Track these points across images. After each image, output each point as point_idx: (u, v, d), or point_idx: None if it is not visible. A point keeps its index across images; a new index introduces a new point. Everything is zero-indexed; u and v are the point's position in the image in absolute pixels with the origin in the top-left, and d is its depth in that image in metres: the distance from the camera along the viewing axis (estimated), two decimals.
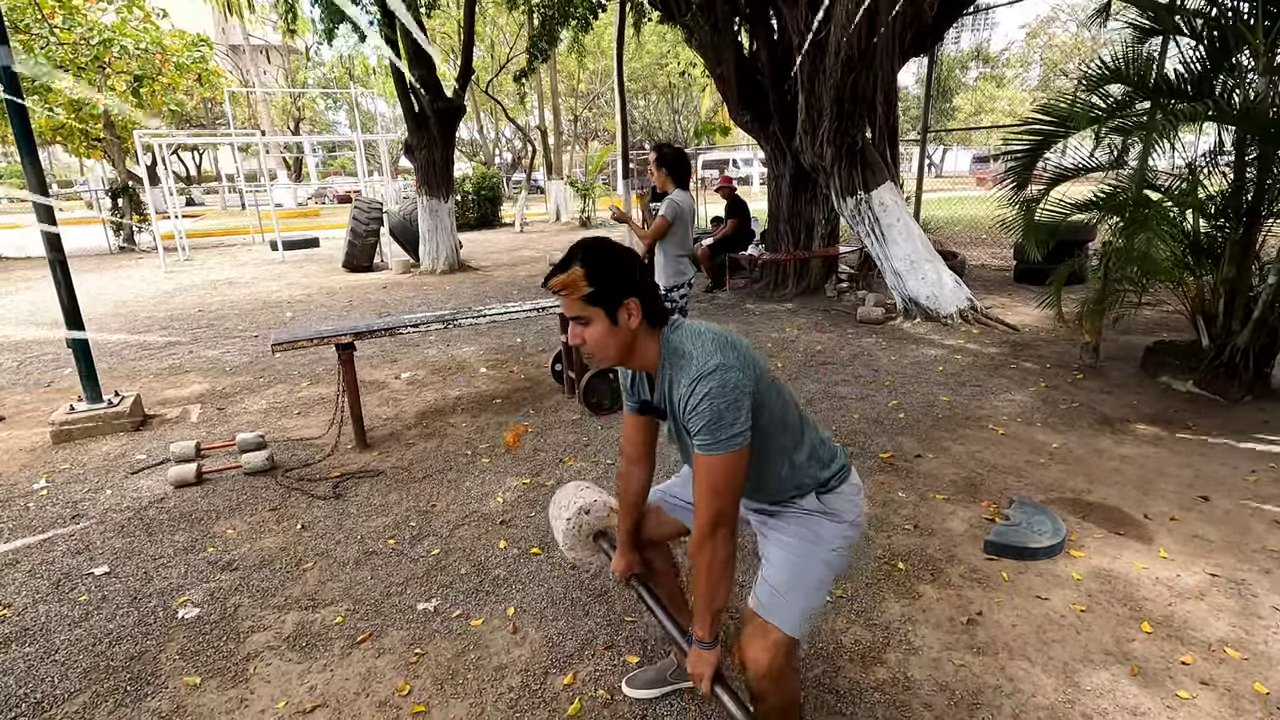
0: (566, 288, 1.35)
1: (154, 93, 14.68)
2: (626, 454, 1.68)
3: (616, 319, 1.37)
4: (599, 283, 1.34)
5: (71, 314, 4.02)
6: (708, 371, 1.30)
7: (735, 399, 1.29)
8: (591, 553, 1.90)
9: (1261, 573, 2.40)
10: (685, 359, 1.35)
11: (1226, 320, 4.11)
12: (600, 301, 1.35)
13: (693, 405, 1.31)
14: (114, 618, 2.38)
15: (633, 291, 1.37)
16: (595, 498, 1.86)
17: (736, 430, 1.30)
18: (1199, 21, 4.05)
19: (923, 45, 7.32)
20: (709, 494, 1.33)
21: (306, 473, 3.52)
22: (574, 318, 1.39)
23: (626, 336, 1.39)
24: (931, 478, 3.22)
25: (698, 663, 1.41)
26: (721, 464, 1.30)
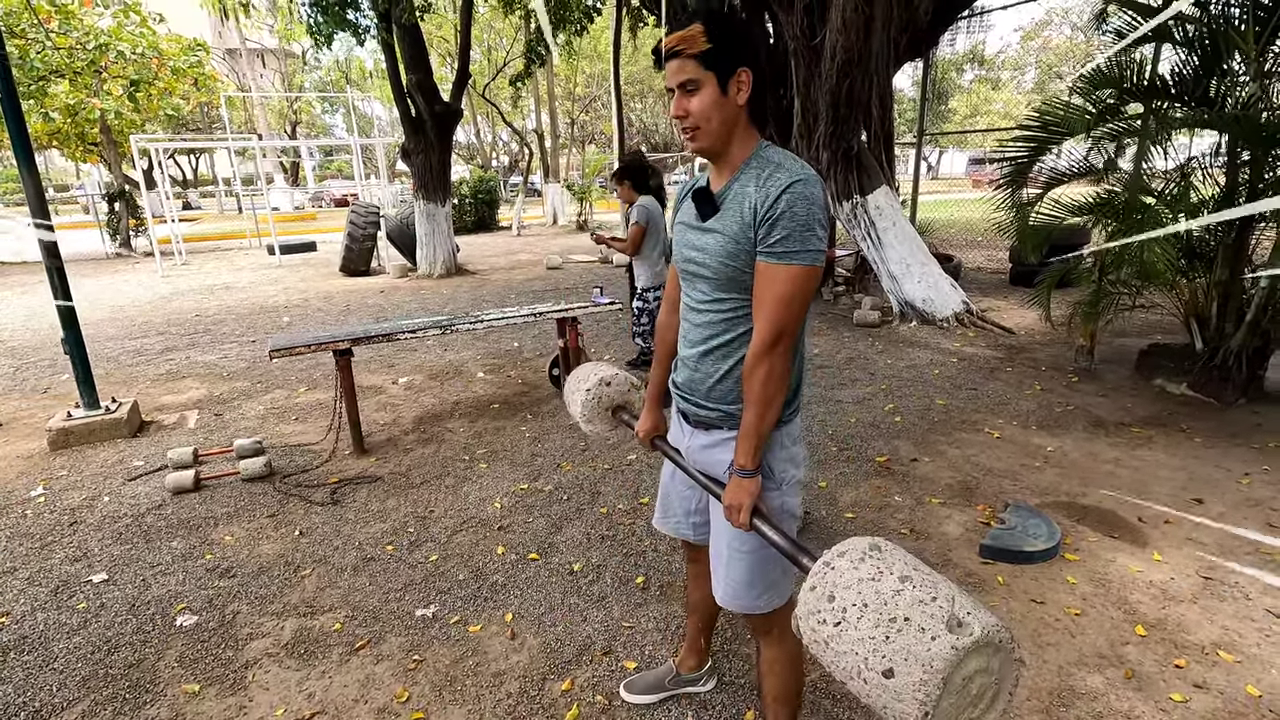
0: (683, 42, 1.26)
1: (150, 97, 14.68)
2: (669, 299, 1.64)
3: (726, 89, 1.28)
4: (718, 40, 1.25)
5: (68, 320, 4.02)
6: (807, 176, 1.24)
7: (822, 217, 1.25)
8: (610, 426, 1.83)
9: (1254, 576, 2.42)
10: (777, 168, 1.28)
11: (1220, 323, 4.14)
12: (714, 64, 1.26)
13: (786, 205, 1.23)
14: (112, 625, 2.39)
15: (750, 62, 1.28)
16: (616, 371, 1.81)
17: (821, 245, 1.25)
18: (1190, 27, 4.08)
19: (918, 49, 7.35)
20: (779, 305, 1.26)
21: (304, 479, 3.52)
22: (681, 85, 1.29)
23: (732, 112, 1.30)
24: (927, 481, 3.23)
25: (737, 492, 1.33)
26: (800, 275, 1.25)
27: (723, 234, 1.33)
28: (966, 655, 0.91)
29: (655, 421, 1.71)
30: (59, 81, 13.22)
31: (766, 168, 1.30)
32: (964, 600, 0.96)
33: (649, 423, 1.70)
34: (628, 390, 1.82)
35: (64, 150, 16.40)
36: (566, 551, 2.76)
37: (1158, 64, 4.51)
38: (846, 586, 1.02)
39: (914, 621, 0.94)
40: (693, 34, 1.26)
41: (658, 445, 1.67)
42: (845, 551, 1.07)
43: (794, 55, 6.35)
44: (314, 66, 33.45)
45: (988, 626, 0.93)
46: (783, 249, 1.25)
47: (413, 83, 9.52)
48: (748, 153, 1.34)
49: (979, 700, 0.95)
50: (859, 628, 0.98)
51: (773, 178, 1.27)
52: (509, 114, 24.99)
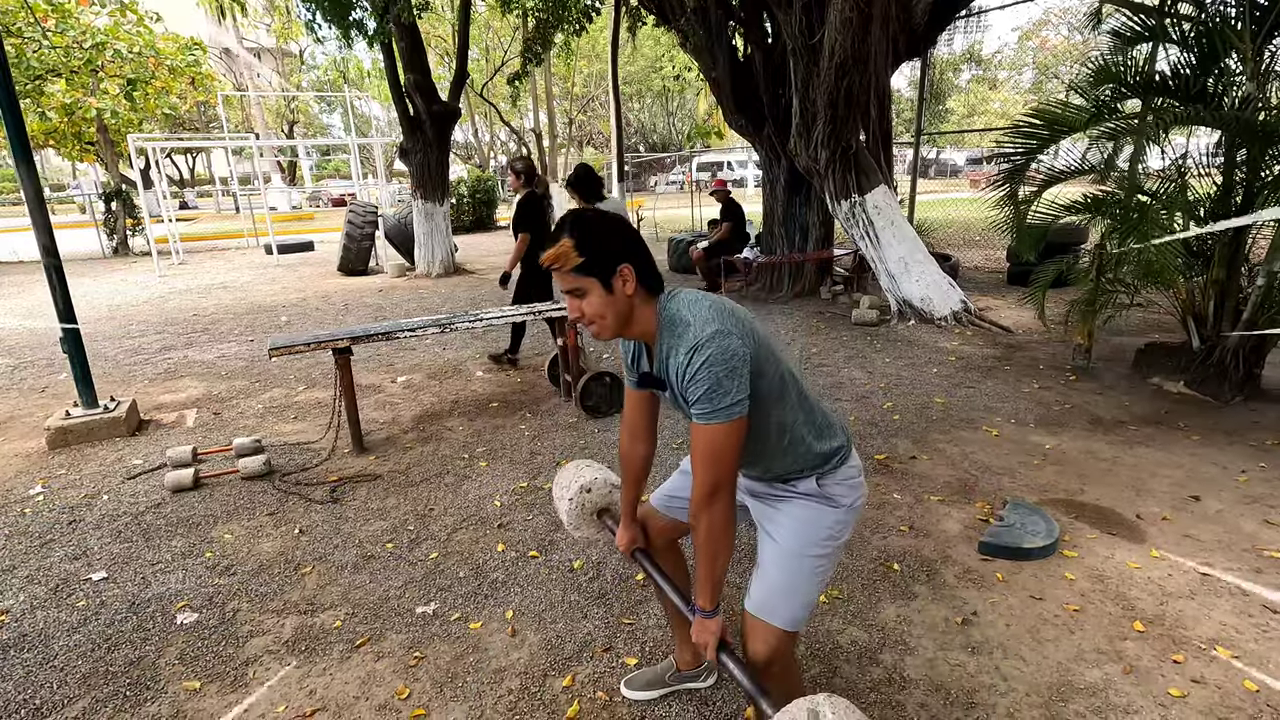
0: (557, 260, 1.33)
1: (147, 96, 14.66)
2: (628, 429, 1.67)
3: (611, 287, 1.34)
4: (589, 251, 1.32)
5: (67, 318, 4.01)
6: (705, 338, 1.28)
7: (734, 367, 1.27)
8: (596, 530, 1.89)
9: (1252, 572, 2.43)
10: (683, 326, 1.33)
11: (1217, 322, 4.15)
12: (593, 271, 1.33)
13: (691, 373, 1.29)
14: (112, 623, 2.39)
15: (625, 257, 1.34)
16: (596, 475, 1.85)
17: (735, 399, 1.28)
18: (1187, 25, 4.09)
19: (916, 49, 7.37)
20: (707, 462, 1.31)
21: (304, 477, 3.52)
22: (569, 291, 1.36)
23: (624, 305, 1.37)
24: (926, 479, 3.24)
25: (701, 631, 1.42)
26: (720, 433, 1.29)
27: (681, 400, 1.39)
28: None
29: (633, 535, 1.76)
30: (55, 80, 13.20)
31: (672, 333, 1.36)
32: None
33: (626, 537, 1.75)
34: (609, 493, 1.88)
35: (60, 150, 16.36)
36: (566, 549, 2.76)
37: (1155, 62, 4.53)
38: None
39: None
40: (564, 251, 1.32)
41: (637, 559, 1.74)
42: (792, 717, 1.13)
43: (792, 54, 6.36)
44: (311, 66, 33.41)
45: None
46: (699, 411, 1.30)
47: (411, 82, 9.51)
48: (653, 320, 1.40)
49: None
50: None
51: (680, 346, 1.33)
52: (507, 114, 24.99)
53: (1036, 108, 4.57)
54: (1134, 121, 4.15)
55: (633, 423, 1.66)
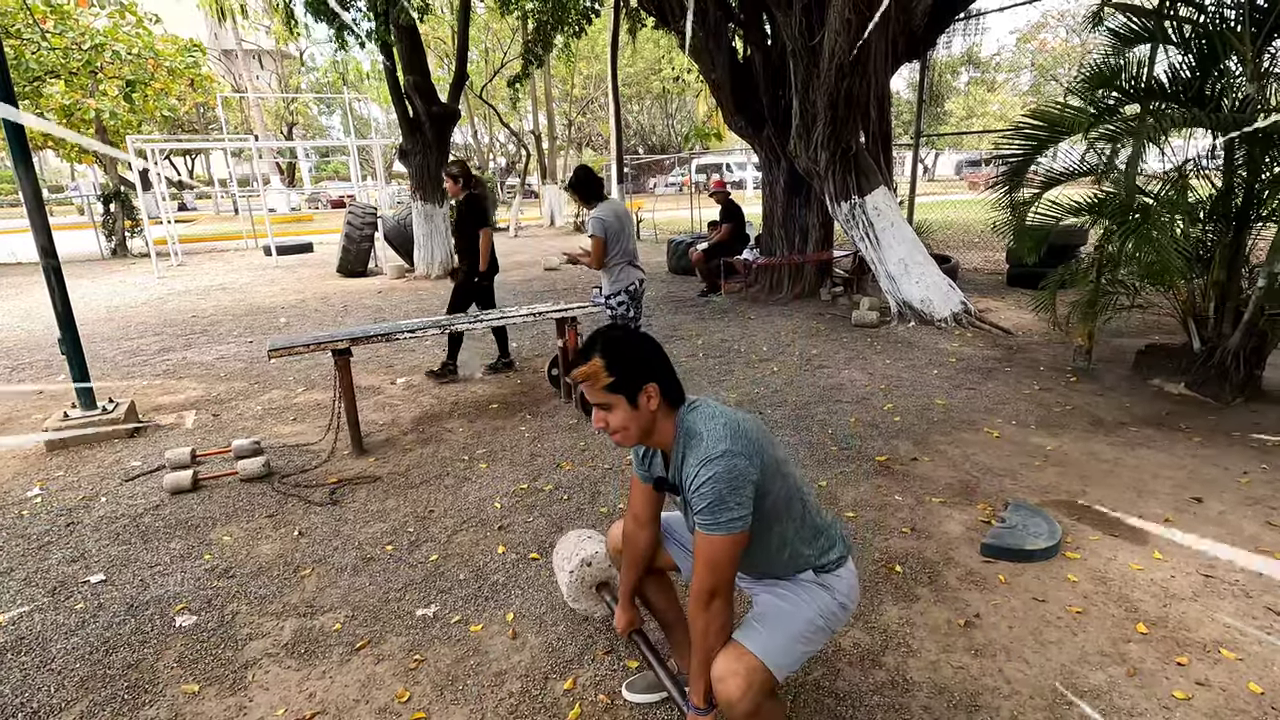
0: (588, 379, 1.44)
1: (146, 98, 14.65)
2: (633, 516, 1.72)
3: (636, 403, 1.44)
4: (618, 372, 1.43)
5: (65, 320, 4.00)
6: (715, 455, 1.36)
7: (737, 485, 1.35)
8: (594, 603, 1.94)
9: (1254, 574, 2.42)
10: (697, 439, 1.42)
11: (1217, 323, 4.15)
12: (620, 389, 1.43)
13: (697, 485, 1.37)
14: (110, 626, 2.37)
15: (651, 377, 1.45)
16: (597, 549, 1.90)
17: (736, 515, 1.36)
18: (1187, 28, 4.09)
19: (915, 51, 7.37)
20: (707, 569, 1.39)
21: (303, 479, 3.51)
22: (597, 404, 1.47)
23: (647, 419, 1.47)
24: (928, 481, 3.24)
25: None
26: (720, 544, 1.37)
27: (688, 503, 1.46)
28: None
29: (631, 617, 1.81)
30: (54, 82, 13.19)
31: (687, 444, 1.45)
32: None
33: (625, 619, 1.81)
34: (608, 567, 1.90)
35: (59, 151, 16.35)
36: None
37: (1154, 64, 4.53)
38: None
39: None
40: (594, 371, 1.43)
41: (634, 640, 1.78)
42: None
43: (792, 56, 6.36)
44: (311, 68, 33.42)
45: None
46: (701, 521, 1.38)
47: (410, 84, 9.52)
48: (671, 431, 1.49)
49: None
50: None
51: (689, 458, 1.42)
52: (506, 115, 24.99)
53: (1035, 109, 4.57)
54: (1133, 124, 4.15)
55: (637, 511, 1.72)
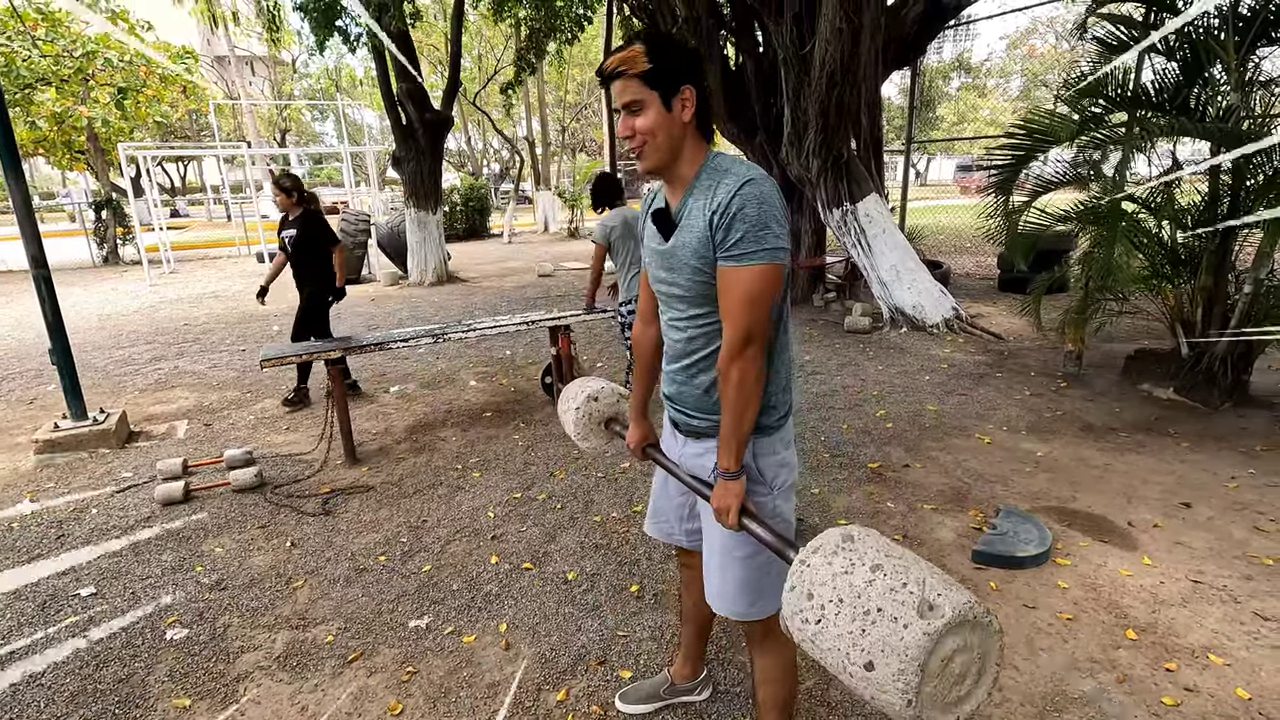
0: (624, 63, 1.28)
1: (138, 104, 14.60)
2: (642, 313, 1.66)
3: (670, 106, 1.30)
4: (658, 60, 1.28)
5: (56, 329, 3.99)
6: (756, 175, 1.26)
7: (779, 212, 1.27)
8: (605, 439, 1.85)
9: (1243, 579, 2.44)
10: (732, 166, 1.31)
11: (1205, 329, 4.19)
12: (657, 83, 1.28)
13: (737, 208, 1.24)
14: (100, 639, 2.36)
15: (691, 79, 1.31)
16: (603, 385, 1.83)
17: (781, 242, 1.26)
18: (1172, 37, 4.14)
19: (905, 58, 7.44)
20: (743, 307, 1.27)
21: (296, 489, 3.50)
22: (626, 105, 1.31)
23: (678, 129, 1.32)
24: (919, 487, 3.25)
25: (724, 495, 1.35)
26: (759, 275, 1.25)
27: (686, 251, 1.34)
28: (940, 638, 0.92)
29: (644, 431, 1.72)
30: (45, 89, 13.14)
31: (715, 176, 1.32)
32: (935, 582, 0.97)
33: (638, 434, 1.72)
34: (616, 401, 1.84)
35: (50, 158, 16.28)
36: (561, 560, 2.75)
37: (1140, 72, 4.59)
38: (822, 583, 1.03)
39: (886, 612, 0.96)
40: (633, 54, 1.28)
41: (649, 454, 1.68)
42: (819, 547, 1.08)
43: (783, 64, 6.40)
44: (304, 74, 33.38)
45: (958, 606, 0.94)
46: (739, 250, 1.26)
47: (403, 91, 9.53)
48: (697, 166, 1.36)
49: (964, 678, 0.97)
50: (837, 624, 1.00)
51: (722, 184, 1.28)
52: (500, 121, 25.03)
53: (1025, 117, 4.61)
54: (1120, 131, 4.20)
55: (646, 306, 1.64)
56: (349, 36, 9.41)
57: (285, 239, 4.70)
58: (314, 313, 4.82)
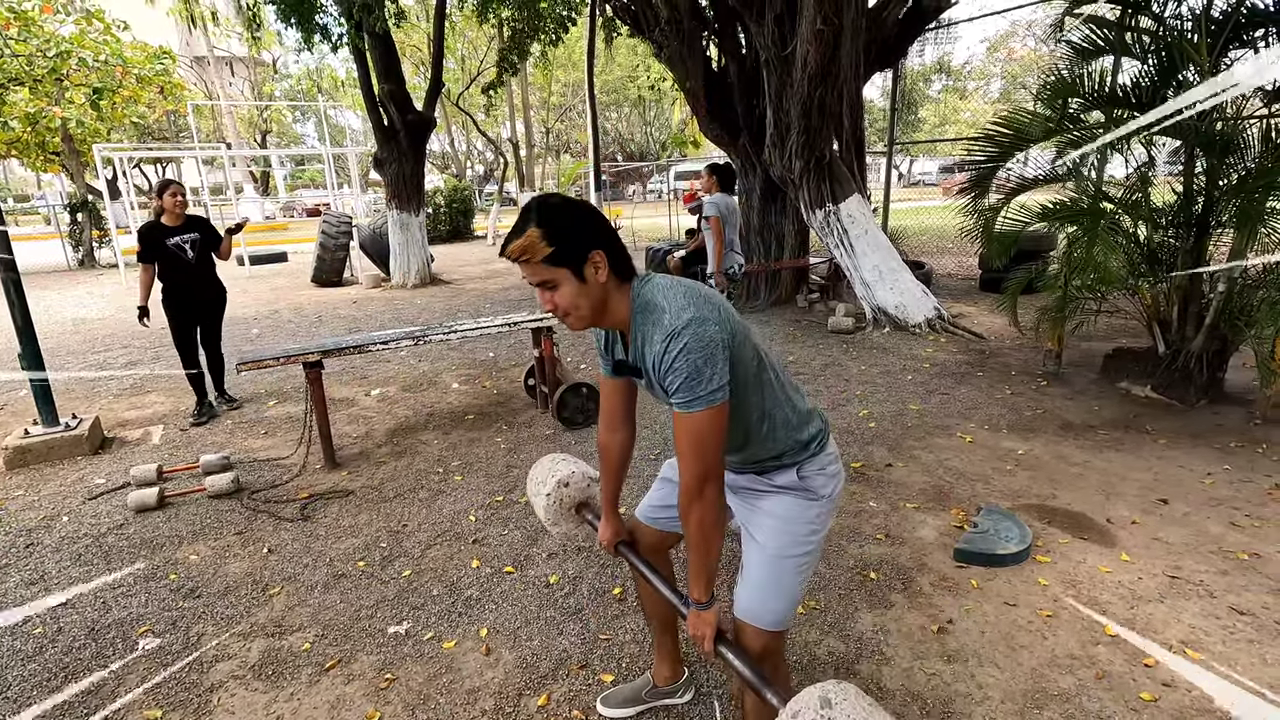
0: (525, 252, 1.26)
1: (114, 105, 14.37)
2: (606, 419, 1.64)
3: (584, 275, 1.29)
4: (558, 241, 1.26)
5: (26, 335, 3.90)
6: (681, 326, 1.25)
7: (711, 353, 1.25)
8: (575, 525, 1.83)
9: (1219, 574, 2.47)
10: (657, 313, 1.30)
11: (1180, 327, 4.24)
12: (563, 261, 1.27)
13: (668, 363, 1.26)
14: (70, 651, 2.30)
15: (596, 244, 1.29)
16: (573, 469, 1.80)
17: (716, 385, 1.25)
18: (1146, 39, 4.20)
19: (887, 60, 7.49)
20: (693, 451, 1.29)
21: (273, 494, 3.45)
22: (539, 283, 1.31)
23: (597, 293, 1.32)
24: (902, 486, 3.26)
25: (697, 624, 1.39)
26: (702, 420, 1.26)
27: (660, 394, 1.38)
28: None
29: (616, 528, 1.73)
30: (18, 89, 12.90)
31: (649, 322, 1.32)
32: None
33: (609, 531, 1.72)
34: (587, 486, 1.82)
35: (24, 159, 15.98)
36: (542, 564, 2.73)
37: (1117, 74, 4.64)
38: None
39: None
40: (530, 242, 1.26)
41: (621, 551, 1.70)
42: (798, 712, 1.10)
43: (765, 65, 6.42)
44: (284, 75, 33.06)
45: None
46: (679, 400, 1.28)
47: (385, 92, 9.45)
48: (627, 307, 1.36)
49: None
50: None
51: (655, 336, 1.30)
52: (484, 123, 24.94)
53: (1004, 116, 4.66)
54: (1097, 131, 4.24)
55: (609, 411, 1.62)
56: (329, 36, 9.32)
57: (185, 243, 4.45)
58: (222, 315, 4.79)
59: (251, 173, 34.93)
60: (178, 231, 4.46)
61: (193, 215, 4.58)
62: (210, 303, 4.69)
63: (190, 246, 4.48)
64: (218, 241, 4.66)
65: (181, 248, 4.46)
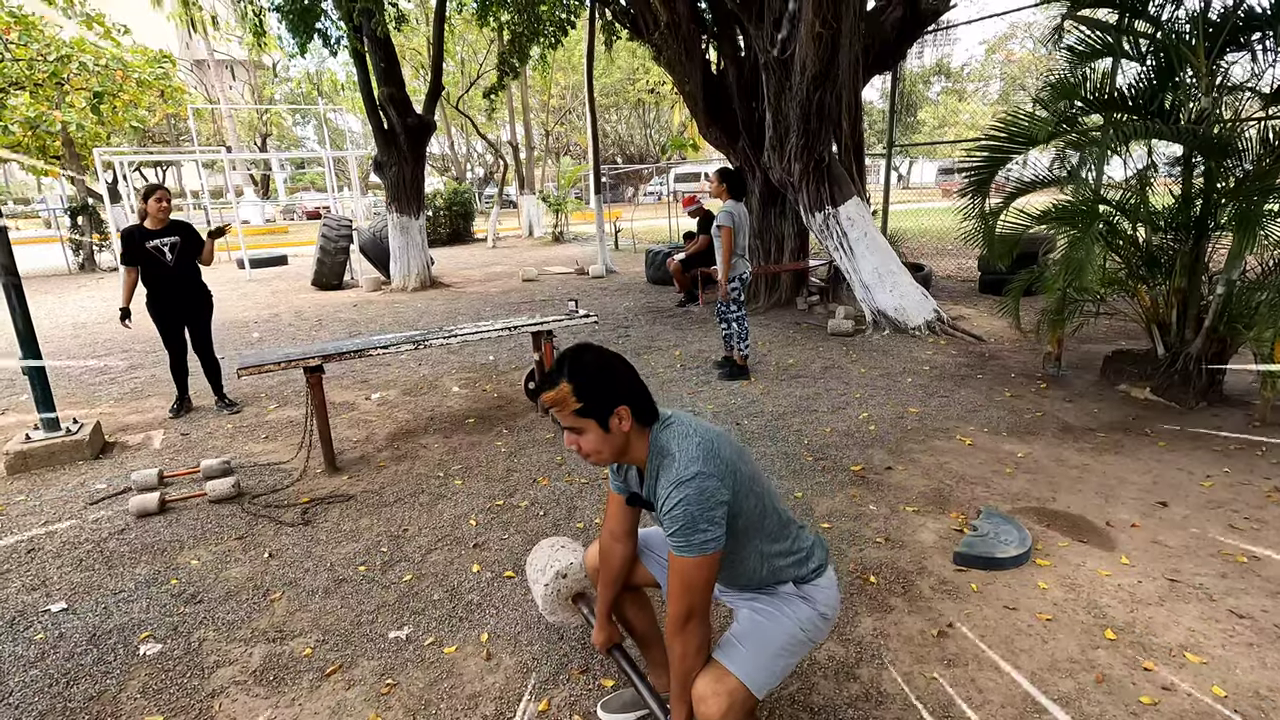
0: (556, 404, 1.40)
1: (115, 109, 14.39)
2: (609, 530, 1.71)
3: (608, 426, 1.41)
4: (588, 396, 1.39)
5: (27, 339, 3.91)
6: (686, 478, 1.35)
7: (709, 507, 1.34)
8: (571, 615, 1.91)
9: (1218, 576, 2.47)
10: (670, 459, 1.40)
11: (1180, 329, 4.25)
12: (591, 414, 1.40)
13: (669, 508, 1.36)
14: (72, 656, 2.31)
15: (622, 399, 1.41)
16: (571, 559, 1.87)
17: (709, 536, 1.35)
18: (1144, 42, 4.21)
19: (885, 63, 7.50)
20: (681, 591, 1.38)
21: (274, 499, 3.45)
22: (567, 428, 1.44)
23: (619, 440, 1.44)
24: (901, 489, 3.27)
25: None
26: (694, 566, 1.36)
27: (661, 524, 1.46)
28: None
29: (610, 634, 1.78)
30: (19, 93, 12.92)
31: (661, 465, 1.43)
32: None
33: (603, 637, 1.77)
34: (584, 578, 1.87)
35: (24, 163, 15.99)
36: None
37: (1115, 77, 4.65)
38: None
39: None
40: (562, 397, 1.39)
41: (614, 655, 1.76)
42: None
43: (764, 69, 6.43)
44: (284, 79, 33.11)
45: None
46: (674, 543, 1.37)
47: (385, 96, 9.47)
48: (645, 449, 1.47)
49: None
50: None
51: (663, 478, 1.40)
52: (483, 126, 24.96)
53: (1003, 118, 4.66)
54: (1095, 134, 4.25)
55: (614, 525, 1.70)
56: (329, 39, 9.34)
57: (164, 246, 4.47)
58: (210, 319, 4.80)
59: (252, 176, 34.97)
60: (158, 234, 4.48)
61: (176, 220, 4.60)
62: (193, 306, 4.70)
63: (169, 249, 4.49)
64: (200, 246, 4.66)
65: (161, 250, 4.48)
